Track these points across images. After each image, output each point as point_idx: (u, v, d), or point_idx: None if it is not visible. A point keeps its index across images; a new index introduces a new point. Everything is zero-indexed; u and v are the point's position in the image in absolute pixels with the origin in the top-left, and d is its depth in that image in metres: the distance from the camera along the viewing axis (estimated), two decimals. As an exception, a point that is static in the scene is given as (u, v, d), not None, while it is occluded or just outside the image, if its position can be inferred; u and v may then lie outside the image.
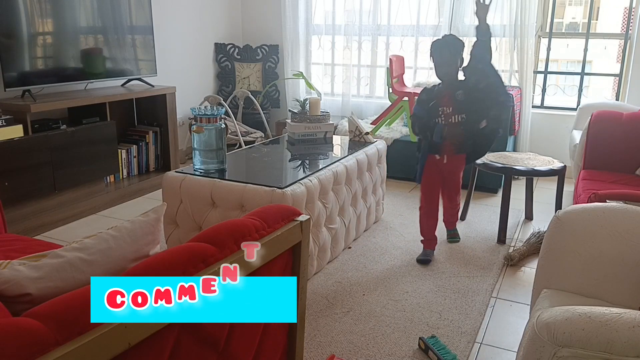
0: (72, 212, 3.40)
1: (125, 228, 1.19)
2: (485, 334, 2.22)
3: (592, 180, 2.97)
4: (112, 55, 3.83)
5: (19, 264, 1.05)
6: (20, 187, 3.07)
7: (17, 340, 0.78)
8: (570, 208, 1.78)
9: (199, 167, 2.63)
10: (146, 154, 4.19)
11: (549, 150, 4.53)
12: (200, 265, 1.10)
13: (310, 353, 2.05)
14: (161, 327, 0.99)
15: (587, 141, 3.26)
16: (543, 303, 1.60)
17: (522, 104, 4.42)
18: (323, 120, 3.31)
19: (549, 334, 1.18)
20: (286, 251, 1.40)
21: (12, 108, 3.14)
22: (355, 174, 2.95)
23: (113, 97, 3.68)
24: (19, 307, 1.00)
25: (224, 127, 2.61)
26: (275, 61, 5.33)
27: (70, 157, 3.37)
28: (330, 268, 2.77)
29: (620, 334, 1.10)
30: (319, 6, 5.17)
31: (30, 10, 3.22)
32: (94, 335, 0.86)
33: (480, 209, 3.68)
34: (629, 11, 4.26)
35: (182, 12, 4.80)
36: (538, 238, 3.04)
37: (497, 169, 3.14)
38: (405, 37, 4.89)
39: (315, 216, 2.57)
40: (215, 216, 2.49)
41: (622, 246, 1.65)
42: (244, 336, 1.27)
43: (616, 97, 4.44)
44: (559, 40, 4.66)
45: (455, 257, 2.90)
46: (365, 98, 5.19)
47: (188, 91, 4.97)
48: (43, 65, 3.37)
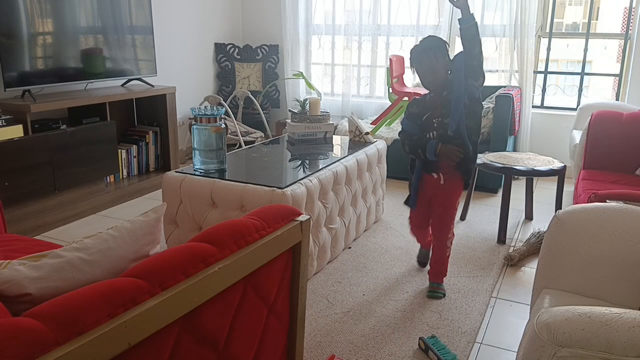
0: (72, 212, 3.40)
1: (125, 228, 1.19)
2: (485, 334, 2.22)
3: (592, 180, 2.97)
4: (112, 55, 3.83)
5: (19, 264, 1.05)
6: (20, 187, 3.07)
7: (17, 340, 0.78)
8: (570, 208, 1.78)
9: (199, 167, 2.63)
10: (146, 154, 4.19)
11: (549, 150, 4.53)
12: (200, 265, 1.10)
13: (310, 353, 2.05)
14: (161, 327, 0.99)
15: (587, 141, 3.26)
16: (543, 303, 1.60)
17: (522, 104, 4.42)
18: (323, 120, 3.31)
19: (549, 334, 1.18)
20: (286, 251, 1.40)
21: (12, 108, 3.14)
22: (355, 174, 2.95)
23: (113, 97, 3.68)
24: (19, 307, 1.00)
25: (224, 127, 2.61)
26: (275, 61, 5.33)
27: (70, 157, 3.37)
28: (330, 268, 2.77)
29: (620, 334, 1.10)
30: (319, 6, 5.17)
31: (30, 10, 3.22)
32: (94, 335, 0.86)
33: (480, 209, 3.68)
34: (629, 11, 4.26)
35: (182, 12, 4.80)
36: (538, 238, 3.04)
37: (497, 169, 3.14)
38: (405, 37, 4.89)
39: (315, 216, 2.56)
40: (215, 216, 2.49)
41: (622, 246, 1.65)
42: (244, 336, 1.27)
43: (616, 97, 4.44)
44: (559, 40, 4.66)
45: (455, 257, 2.90)
46: (365, 98, 5.19)
47: (188, 91, 4.97)
48: (43, 65, 3.37)
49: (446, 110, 2.29)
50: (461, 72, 2.23)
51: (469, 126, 2.28)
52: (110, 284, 0.95)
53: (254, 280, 1.27)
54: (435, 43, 2.26)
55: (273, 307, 1.39)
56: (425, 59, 2.25)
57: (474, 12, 2.29)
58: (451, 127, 2.25)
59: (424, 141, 2.33)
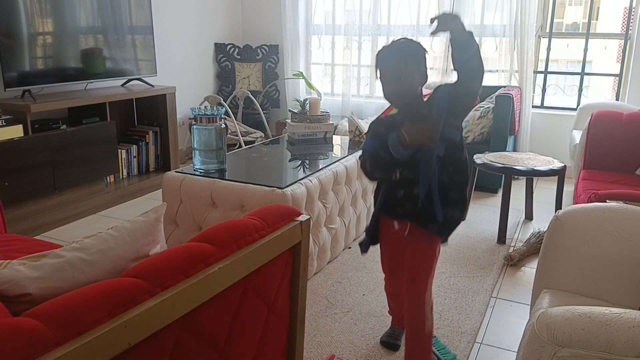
0: (72, 212, 3.40)
1: (125, 228, 1.19)
2: (485, 334, 2.22)
3: (592, 180, 2.98)
4: (112, 55, 3.83)
5: (19, 264, 1.05)
6: (20, 187, 3.07)
7: (17, 340, 0.78)
8: (570, 208, 1.78)
9: (199, 167, 2.63)
10: (146, 154, 4.19)
11: (549, 150, 4.53)
12: (200, 265, 1.10)
13: (310, 353, 2.05)
14: (161, 327, 0.99)
15: (587, 141, 3.27)
16: (543, 303, 1.60)
17: (522, 104, 4.42)
18: (323, 120, 3.31)
19: (549, 334, 1.18)
20: (286, 251, 1.40)
21: (12, 108, 3.14)
22: (355, 174, 2.95)
23: (113, 97, 3.68)
24: (19, 307, 1.00)
25: (224, 127, 2.61)
26: (275, 61, 5.33)
27: (70, 157, 3.37)
28: (330, 268, 2.77)
29: (620, 334, 1.10)
30: (319, 6, 5.17)
31: (30, 10, 3.22)
32: (94, 335, 0.86)
33: (480, 209, 3.68)
34: (629, 11, 4.26)
35: (182, 12, 4.80)
36: (538, 238, 3.04)
37: (497, 169, 3.14)
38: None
39: (315, 216, 2.57)
40: (215, 216, 2.49)
41: (622, 246, 1.65)
42: (244, 336, 1.27)
43: (616, 97, 4.44)
44: (559, 40, 4.66)
45: (455, 257, 2.90)
46: (365, 98, 5.19)
47: (188, 91, 4.97)
48: (43, 65, 3.37)
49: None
50: (442, 111, 1.65)
51: (447, 183, 1.71)
52: (110, 284, 0.95)
53: (254, 280, 1.27)
54: (410, 46, 1.68)
55: (273, 307, 1.39)
56: (391, 61, 1.67)
57: (473, 14, 1.73)
58: (421, 193, 1.71)
59: (386, 145, 1.66)
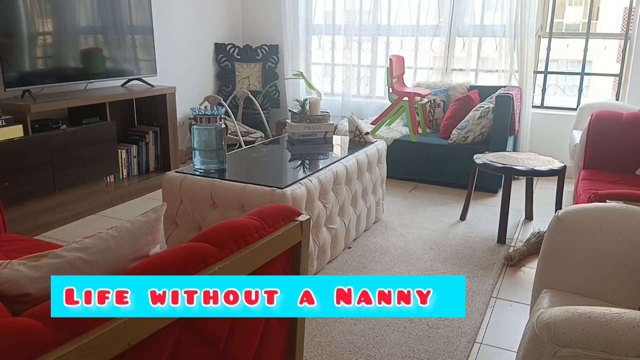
0: (72, 212, 3.40)
1: (125, 228, 1.19)
2: (485, 334, 2.22)
3: (592, 180, 2.97)
4: (112, 55, 3.83)
5: (19, 264, 1.05)
6: (20, 187, 3.07)
7: (17, 340, 0.78)
8: (570, 208, 1.78)
9: (199, 167, 2.63)
10: (146, 154, 4.19)
11: (549, 150, 4.53)
12: (200, 265, 1.10)
13: (310, 353, 2.05)
14: (161, 327, 0.99)
15: (587, 141, 3.26)
16: (543, 303, 1.60)
17: (522, 104, 4.42)
18: (323, 120, 3.31)
19: (549, 334, 1.18)
20: (286, 251, 1.40)
21: (12, 108, 3.14)
22: (355, 174, 2.95)
23: (113, 97, 3.68)
24: (19, 307, 1.00)
25: (224, 127, 2.61)
26: (275, 61, 5.33)
27: (70, 157, 3.37)
28: (330, 268, 2.77)
29: (620, 334, 1.10)
30: (319, 6, 5.17)
31: (30, 10, 3.22)
32: (94, 335, 0.86)
33: (480, 209, 3.68)
34: (629, 11, 4.26)
35: (182, 12, 4.80)
36: (538, 238, 3.04)
37: (497, 169, 3.14)
38: (405, 37, 4.89)
39: (315, 216, 2.56)
40: (215, 216, 2.49)
41: (622, 246, 1.65)
42: (244, 336, 1.27)
43: (616, 97, 4.44)
44: (559, 40, 4.66)
45: (455, 257, 2.90)
46: (365, 98, 5.19)
47: (188, 91, 4.97)
48: (43, 65, 3.37)
49: None
50: None
51: None
52: (110, 284, 0.95)
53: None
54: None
55: (273, 307, 1.39)
56: None
57: (473, 14, 1.98)
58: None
59: None
